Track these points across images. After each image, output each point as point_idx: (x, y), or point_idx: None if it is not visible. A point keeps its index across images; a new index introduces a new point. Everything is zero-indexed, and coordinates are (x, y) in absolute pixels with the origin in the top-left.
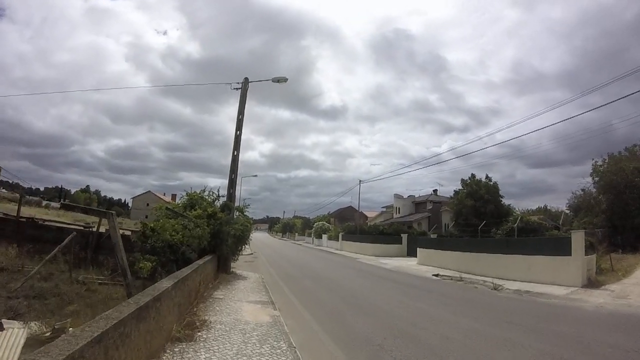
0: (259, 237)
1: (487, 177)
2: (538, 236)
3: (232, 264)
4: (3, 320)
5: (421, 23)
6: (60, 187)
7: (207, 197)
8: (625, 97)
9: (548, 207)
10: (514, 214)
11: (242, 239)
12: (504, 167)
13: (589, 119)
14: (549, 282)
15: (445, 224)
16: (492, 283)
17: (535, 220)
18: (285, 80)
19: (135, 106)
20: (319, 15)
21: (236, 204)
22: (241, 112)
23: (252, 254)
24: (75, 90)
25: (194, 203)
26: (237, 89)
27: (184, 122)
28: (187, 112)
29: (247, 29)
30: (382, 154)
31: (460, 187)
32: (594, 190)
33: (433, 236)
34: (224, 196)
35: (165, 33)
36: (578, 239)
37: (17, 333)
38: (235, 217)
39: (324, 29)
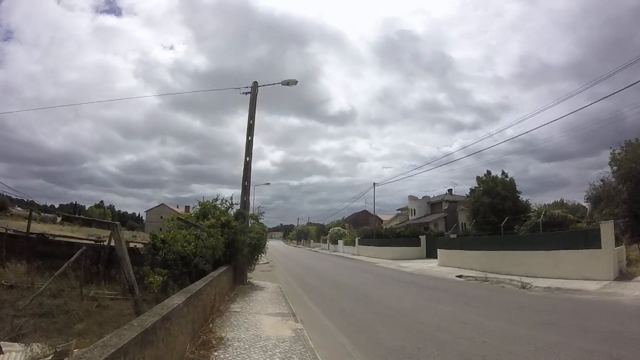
0: (274, 246)
1: (503, 173)
2: (564, 230)
3: (249, 274)
4: (3, 343)
5: (425, 23)
6: (74, 203)
7: (220, 206)
8: (632, 85)
9: (565, 201)
10: (532, 209)
11: (258, 248)
12: (517, 162)
13: (598, 109)
14: (579, 278)
15: (462, 224)
16: (520, 282)
17: (560, 213)
18: (295, 82)
19: (145, 121)
20: (322, 21)
21: (250, 211)
22: (252, 116)
23: (268, 262)
24: (83, 102)
25: (207, 212)
26: (246, 93)
27: (195, 134)
28: (197, 125)
29: (253, 39)
30: (393, 156)
31: (476, 185)
32: (613, 180)
33: (452, 236)
34: (237, 204)
35: (172, 48)
36: (607, 230)
37: (15, 357)
38: (249, 225)
39: (328, 35)
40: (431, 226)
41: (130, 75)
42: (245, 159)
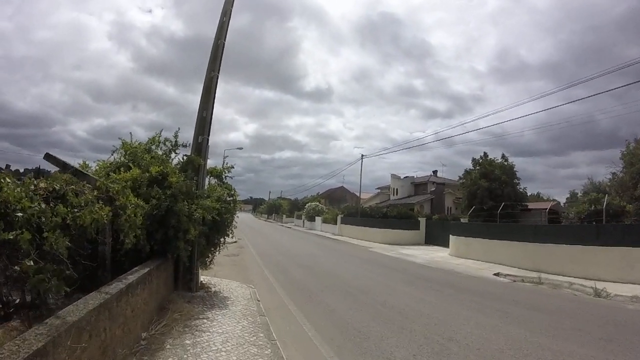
0: (243, 219)
1: (503, 156)
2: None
3: (203, 272)
4: None
5: (407, 7)
6: (38, 167)
7: (156, 150)
8: (609, 91)
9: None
10: (543, 197)
11: (220, 227)
12: (487, 154)
13: (571, 112)
14: None
15: (448, 207)
16: (594, 287)
17: (616, 202)
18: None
19: (117, 85)
20: None
21: (210, 162)
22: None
23: (236, 241)
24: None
25: (137, 160)
26: None
27: (168, 101)
28: (170, 91)
29: (233, 7)
30: (365, 136)
31: (471, 167)
32: (622, 174)
33: (463, 220)
34: (187, 146)
35: (150, 11)
36: None
37: None
38: (206, 186)
39: (310, 10)
40: (416, 208)
41: (105, 37)
42: (217, 41)
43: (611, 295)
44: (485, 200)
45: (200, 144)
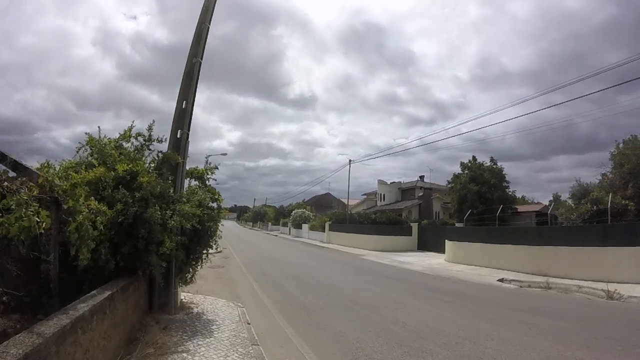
0: (228, 227)
1: (491, 160)
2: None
3: (183, 289)
4: None
5: (390, 16)
6: None
7: (128, 147)
8: (585, 96)
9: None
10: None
11: (202, 237)
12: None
13: (552, 116)
14: None
15: (436, 212)
16: (605, 290)
17: (620, 201)
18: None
19: (101, 92)
20: (291, 4)
21: (189, 163)
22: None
23: (220, 251)
24: None
25: (104, 158)
26: None
27: (151, 108)
28: (154, 99)
29: (218, 15)
30: (350, 143)
31: (459, 172)
32: (611, 176)
33: (459, 225)
34: (164, 141)
35: (135, 17)
36: None
37: None
38: (184, 189)
39: (295, 19)
40: (404, 213)
41: (89, 43)
42: (201, 25)
43: (624, 297)
44: (475, 204)
45: (179, 140)
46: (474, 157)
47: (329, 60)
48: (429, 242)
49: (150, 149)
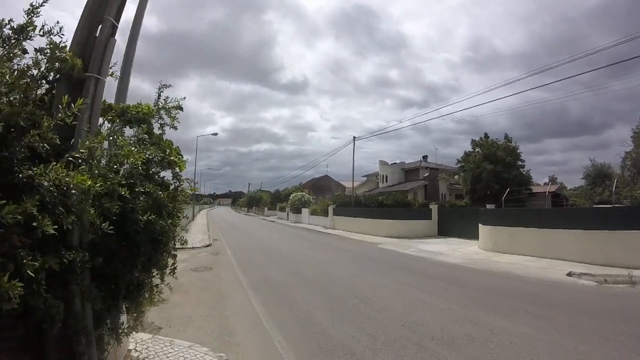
0: (222, 214)
1: (506, 137)
2: None
3: (149, 311)
4: None
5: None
6: None
7: None
8: (574, 76)
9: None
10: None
11: (140, 250)
12: (462, 142)
13: (544, 99)
14: None
15: (442, 194)
16: None
17: None
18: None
19: None
20: None
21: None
22: None
23: (209, 245)
24: None
25: None
26: None
27: (142, 97)
28: (145, 87)
29: (208, 1)
30: (342, 127)
31: (470, 150)
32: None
33: (490, 207)
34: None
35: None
36: None
37: None
38: (106, 138)
39: (285, 3)
40: (410, 195)
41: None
42: None
43: None
44: (490, 184)
45: (95, 39)
46: (485, 134)
47: (321, 45)
48: (451, 227)
49: (25, 51)
